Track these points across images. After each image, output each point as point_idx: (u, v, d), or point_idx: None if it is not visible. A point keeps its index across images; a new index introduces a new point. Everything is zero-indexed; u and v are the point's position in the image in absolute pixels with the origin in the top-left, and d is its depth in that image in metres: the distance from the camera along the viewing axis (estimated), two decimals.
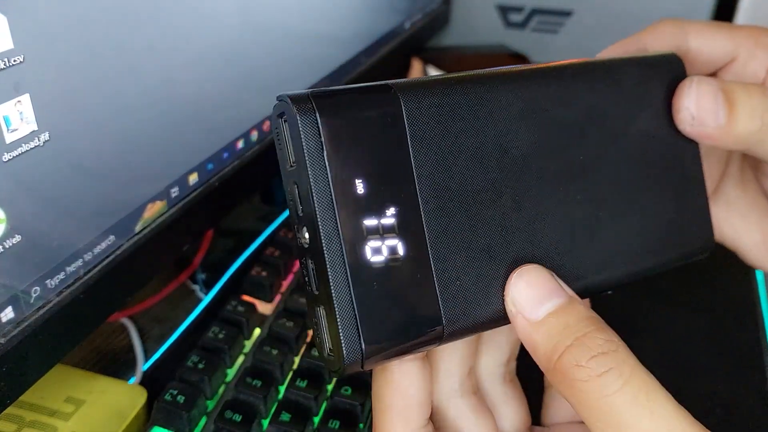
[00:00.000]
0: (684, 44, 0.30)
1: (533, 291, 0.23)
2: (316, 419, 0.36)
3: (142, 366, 0.42)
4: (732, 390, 0.39)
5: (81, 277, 0.32)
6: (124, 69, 0.32)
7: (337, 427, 0.35)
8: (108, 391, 0.37)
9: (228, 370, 0.38)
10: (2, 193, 0.27)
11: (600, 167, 0.25)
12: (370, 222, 0.20)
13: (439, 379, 0.26)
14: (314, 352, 0.39)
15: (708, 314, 0.45)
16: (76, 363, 0.42)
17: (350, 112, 0.20)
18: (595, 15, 0.72)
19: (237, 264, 0.50)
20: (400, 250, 0.21)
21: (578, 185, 0.24)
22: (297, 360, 0.39)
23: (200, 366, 0.37)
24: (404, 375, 0.23)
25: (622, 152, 0.26)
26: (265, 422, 0.36)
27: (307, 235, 0.21)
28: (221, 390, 0.38)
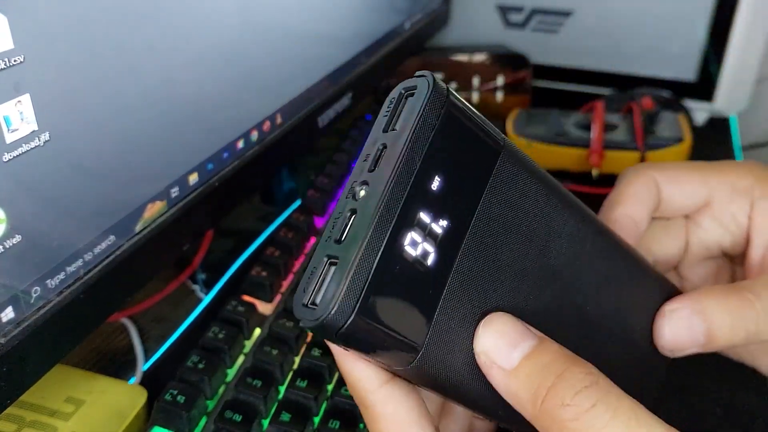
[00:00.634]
0: (656, 194, 0.30)
1: (503, 338, 0.22)
2: (316, 419, 0.36)
3: (142, 366, 0.42)
4: (732, 390, 0.40)
5: (81, 277, 0.32)
6: (124, 69, 0.32)
7: (337, 427, 0.35)
8: (108, 391, 0.37)
9: (228, 370, 0.38)
10: (2, 193, 0.27)
11: (595, 319, 0.26)
12: (424, 217, 0.20)
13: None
14: (314, 351, 0.39)
15: None
16: (76, 363, 0.42)
17: (467, 125, 0.21)
18: (595, 15, 0.72)
19: (237, 264, 0.50)
20: (429, 261, 0.21)
21: (579, 314, 0.26)
22: (297, 360, 0.39)
23: (200, 366, 0.37)
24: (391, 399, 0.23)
25: (616, 326, 0.27)
26: (265, 422, 0.36)
27: (363, 192, 0.20)
28: (221, 390, 0.38)
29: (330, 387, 0.38)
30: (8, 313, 0.28)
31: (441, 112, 0.21)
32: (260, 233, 0.53)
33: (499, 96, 0.71)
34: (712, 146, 0.68)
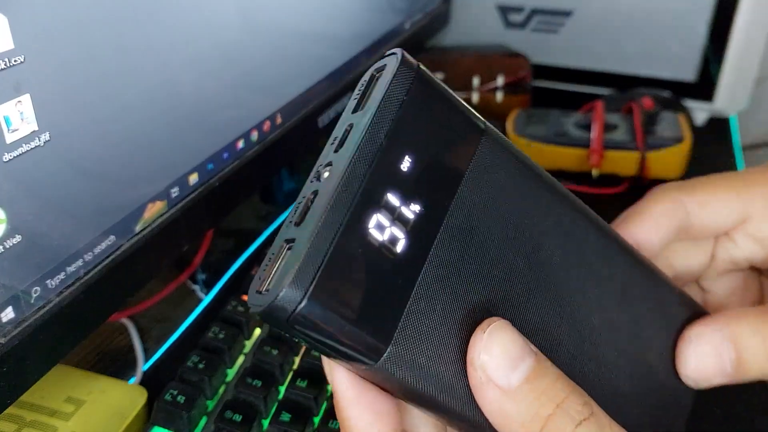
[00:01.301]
0: (680, 219, 0.27)
1: (505, 354, 0.20)
2: (316, 419, 0.36)
3: (142, 366, 0.42)
4: (732, 390, 0.39)
5: (81, 277, 0.32)
6: (124, 69, 0.32)
7: (337, 427, 0.35)
8: (108, 391, 0.37)
9: (228, 370, 0.38)
10: (2, 193, 0.27)
11: (594, 318, 0.23)
12: (392, 199, 0.19)
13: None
14: (315, 352, 0.39)
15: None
16: (76, 363, 0.42)
17: (441, 105, 0.20)
18: (595, 15, 0.72)
19: (237, 264, 0.50)
20: (398, 247, 0.19)
21: (573, 312, 0.23)
22: (297, 360, 0.39)
23: (200, 366, 0.37)
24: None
25: (619, 338, 0.24)
26: (266, 422, 0.36)
27: (327, 173, 0.19)
28: (221, 390, 0.38)
29: (330, 387, 0.38)
30: (8, 313, 0.28)
31: (410, 86, 0.19)
32: (260, 233, 0.53)
33: (499, 96, 0.71)
34: (712, 146, 0.68)
